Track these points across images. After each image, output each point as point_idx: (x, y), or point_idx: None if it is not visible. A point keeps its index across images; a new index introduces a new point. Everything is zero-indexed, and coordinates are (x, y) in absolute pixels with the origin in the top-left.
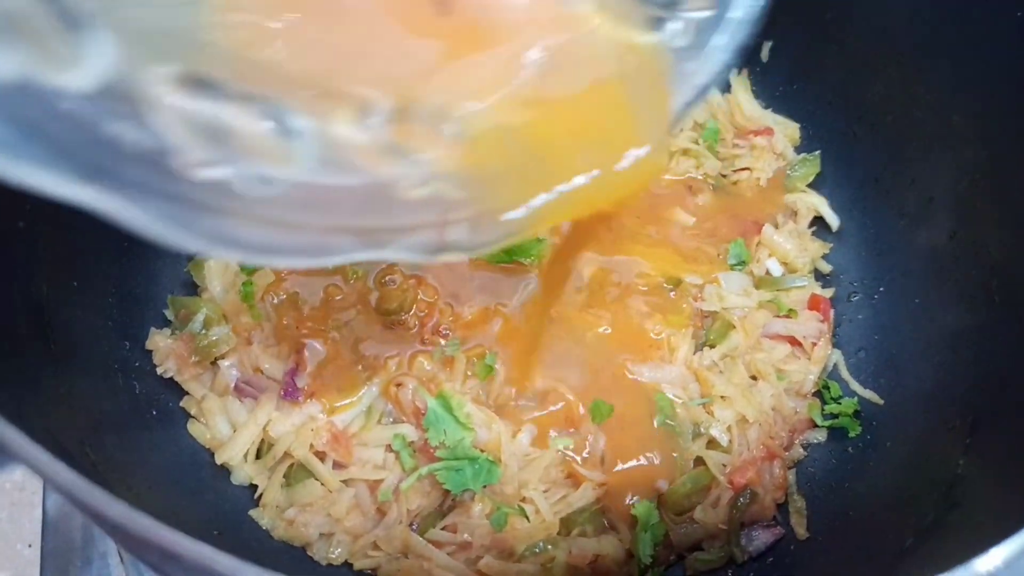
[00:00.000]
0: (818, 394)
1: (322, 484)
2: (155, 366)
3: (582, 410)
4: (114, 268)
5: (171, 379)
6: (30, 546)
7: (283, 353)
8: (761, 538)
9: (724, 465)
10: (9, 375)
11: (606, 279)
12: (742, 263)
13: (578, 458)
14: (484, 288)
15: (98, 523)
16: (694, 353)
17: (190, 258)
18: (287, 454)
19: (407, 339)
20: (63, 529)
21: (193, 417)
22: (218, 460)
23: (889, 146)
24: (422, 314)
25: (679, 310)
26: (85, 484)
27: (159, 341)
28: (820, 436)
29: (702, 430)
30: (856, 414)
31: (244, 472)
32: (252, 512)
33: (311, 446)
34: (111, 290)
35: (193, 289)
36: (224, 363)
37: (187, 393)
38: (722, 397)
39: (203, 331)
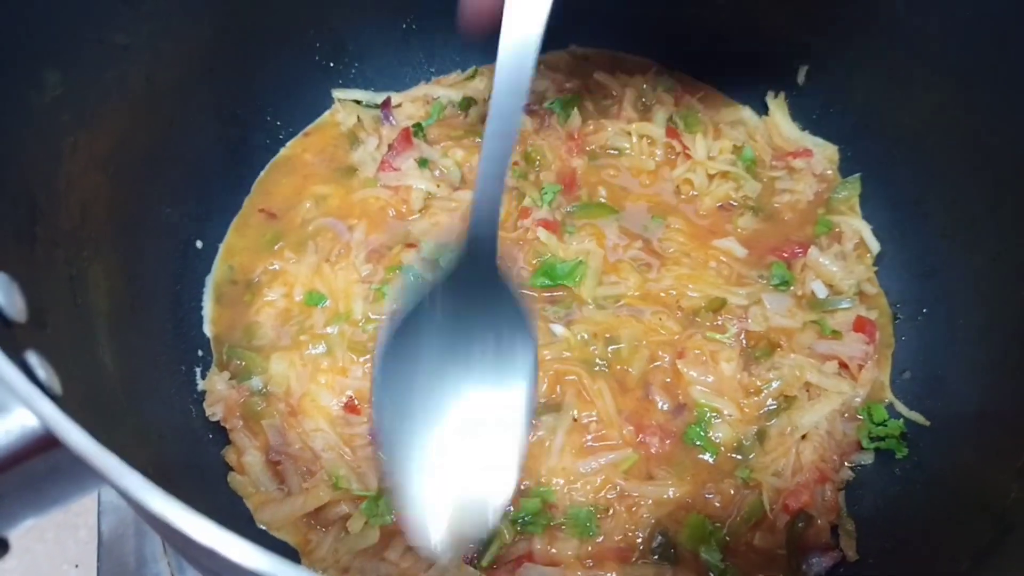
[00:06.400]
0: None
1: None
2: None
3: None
4: (168, 297)
5: None
6: (76, 567)
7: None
8: (822, 563)
9: (778, 489)
10: (84, 402)
11: (652, 302)
12: (785, 284)
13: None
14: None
15: (180, 546)
16: (740, 373)
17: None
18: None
19: None
20: (117, 552)
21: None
22: (258, 519)
23: (929, 168)
24: None
25: (724, 330)
26: (180, 507)
27: (216, 383)
28: (868, 458)
29: (753, 455)
30: (903, 436)
31: (293, 532)
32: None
33: None
34: (167, 316)
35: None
36: (266, 423)
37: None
38: (773, 419)
39: (262, 391)
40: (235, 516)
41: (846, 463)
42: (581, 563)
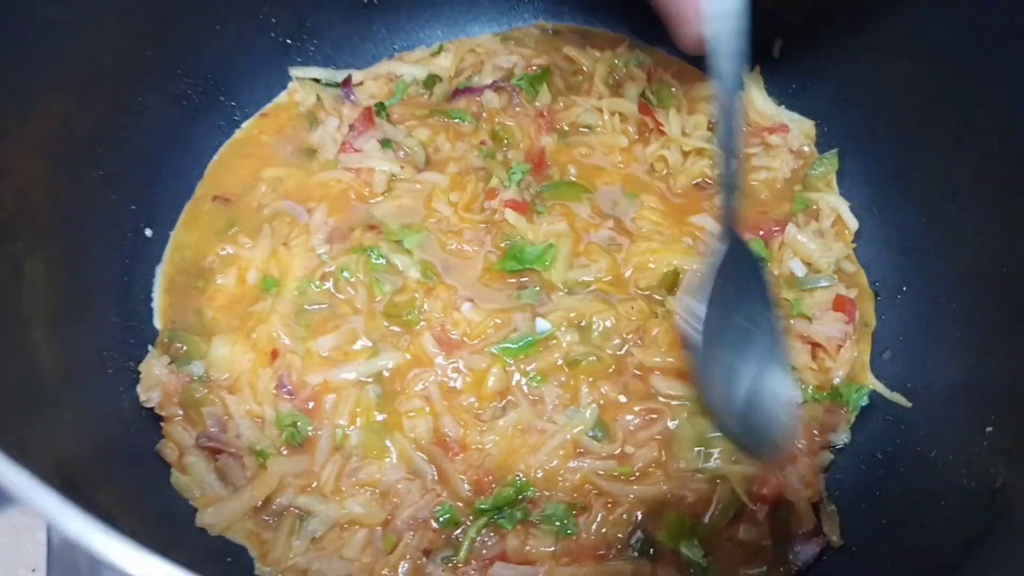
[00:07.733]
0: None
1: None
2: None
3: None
4: (116, 288)
5: None
6: (33, 571)
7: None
8: (807, 550)
9: (746, 477)
10: (11, 404)
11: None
12: (763, 262)
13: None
14: (497, 296)
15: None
16: None
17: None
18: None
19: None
20: (69, 558)
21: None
22: (198, 521)
23: (909, 143)
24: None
25: None
26: (98, 533)
27: (153, 367)
28: (844, 437)
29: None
30: (883, 418)
31: (243, 528)
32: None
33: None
34: (114, 309)
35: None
36: (205, 410)
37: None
38: None
39: (203, 377)
40: (187, 515)
41: (821, 443)
42: (557, 561)
